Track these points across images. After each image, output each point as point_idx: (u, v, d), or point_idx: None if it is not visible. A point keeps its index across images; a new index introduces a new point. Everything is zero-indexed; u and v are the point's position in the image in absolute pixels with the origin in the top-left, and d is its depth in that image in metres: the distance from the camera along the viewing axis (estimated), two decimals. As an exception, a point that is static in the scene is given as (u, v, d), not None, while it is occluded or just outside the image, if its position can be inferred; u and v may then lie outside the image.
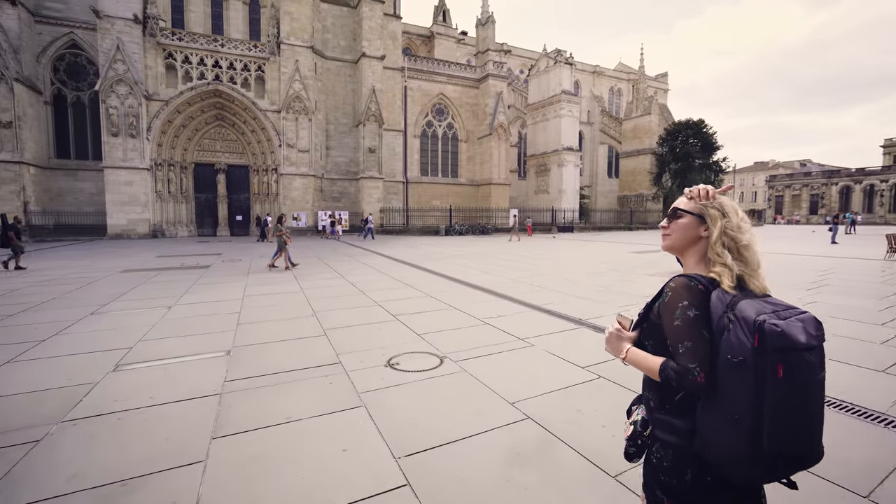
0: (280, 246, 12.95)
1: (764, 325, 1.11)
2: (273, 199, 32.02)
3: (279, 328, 6.31)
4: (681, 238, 1.42)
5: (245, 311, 7.37)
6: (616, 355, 1.45)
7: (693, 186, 1.44)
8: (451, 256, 16.76)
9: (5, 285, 10.17)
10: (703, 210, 1.38)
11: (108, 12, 26.59)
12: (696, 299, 1.27)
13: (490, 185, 39.78)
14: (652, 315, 1.41)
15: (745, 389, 1.13)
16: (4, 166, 25.09)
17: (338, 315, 7.12)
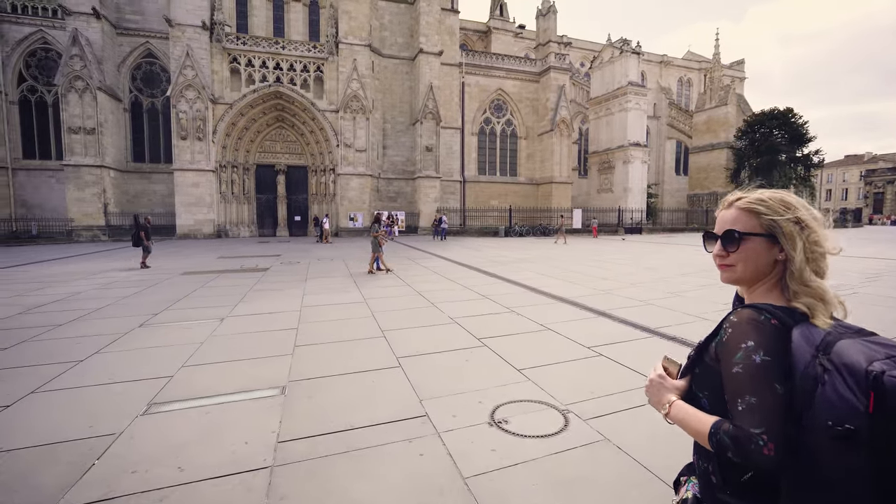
0: (374, 248, 12.11)
1: (883, 379, 0.81)
2: (330, 200, 31.95)
3: (342, 353, 5.20)
4: (752, 270, 1.08)
5: (303, 328, 6.37)
6: (657, 409, 1.14)
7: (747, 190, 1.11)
8: (519, 261, 15.29)
9: (70, 289, 9.95)
10: (774, 226, 1.04)
11: (178, 20, 27.48)
12: (767, 339, 0.96)
13: (551, 184, 37.73)
14: (707, 357, 1.09)
15: (857, 474, 0.82)
16: (88, 170, 26.54)
17: (410, 336, 5.93)
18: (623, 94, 41.57)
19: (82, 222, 26.46)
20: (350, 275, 11.87)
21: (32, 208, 28.64)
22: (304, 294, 9.03)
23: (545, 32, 41.25)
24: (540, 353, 5.16)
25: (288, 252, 19.13)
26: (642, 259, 15.74)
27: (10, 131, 28.42)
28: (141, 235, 13.64)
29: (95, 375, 4.48)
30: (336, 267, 13.61)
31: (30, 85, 29.18)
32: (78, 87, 26.25)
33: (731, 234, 1.08)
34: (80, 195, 26.40)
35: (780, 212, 1.03)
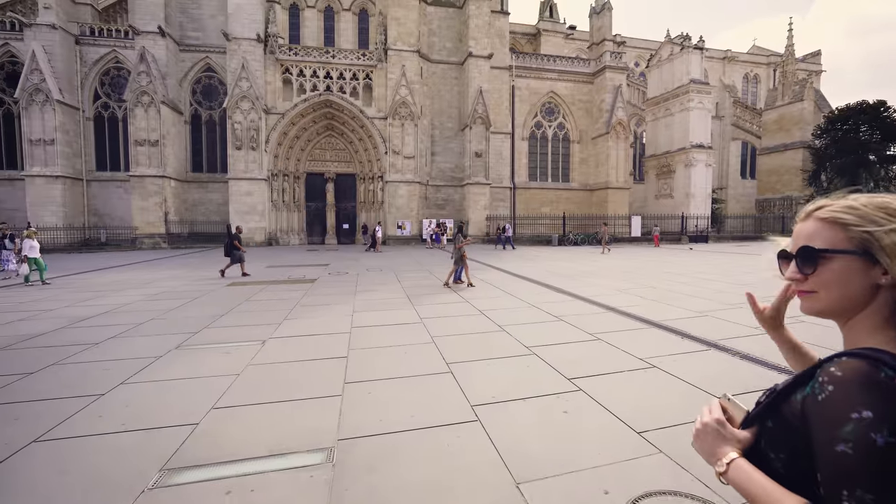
0: (458, 259, 11.26)
1: None
2: (378, 207, 31.62)
3: (403, 396, 4.19)
4: (840, 298, 0.82)
5: (353, 357, 5.44)
6: (709, 461, 0.89)
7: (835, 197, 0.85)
8: (585, 274, 13.86)
9: (118, 299, 9.67)
10: (869, 240, 0.78)
11: (235, 34, 28.23)
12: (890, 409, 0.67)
13: (606, 190, 35.62)
14: (787, 410, 0.82)
15: None
16: (151, 180, 27.62)
17: (482, 373, 4.84)
18: (684, 92, 38.88)
19: (145, 230, 27.51)
20: (402, 289, 10.97)
21: (103, 217, 30.19)
22: (353, 311, 8.17)
23: (599, 31, 39.39)
24: (658, 404, 3.91)
25: (336, 261, 18.64)
26: (728, 272, 13.83)
27: (86, 145, 30.20)
28: (235, 244, 13.63)
29: (111, 418, 3.71)
30: (387, 279, 12.79)
31: (103, 102, 30.93)
32: (144, 101, 27.44)
33: (808, 252, 0.83)
34: (143, 204, 27.48)
35: (878, 221, 0.77)
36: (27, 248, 12.15)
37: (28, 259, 12.15)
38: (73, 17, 30.37)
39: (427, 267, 16.07)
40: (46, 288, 11.64)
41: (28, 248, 12.15)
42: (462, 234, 11.76)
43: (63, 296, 10.27)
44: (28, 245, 12.18)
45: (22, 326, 7.20)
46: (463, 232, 11.92)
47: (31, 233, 12.53)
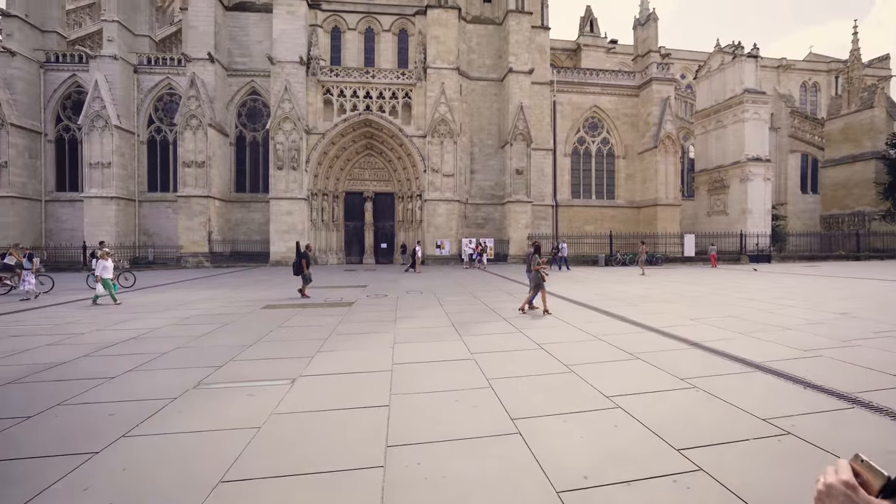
0: (537, 283, 9.94)
1: None
2: (416, 227, 31.10)
3: (462, 471, 3.19)
4: None
5: (396, 404, 4.51)
6: None
7: None
8: (645, 299, 12.48)
9: (149, 323, 9.24)
10: None
11: (279, 58, 28.92)
12: None
13: (655, 207, 33.70)
14: None
15: None
16: (196, 200, 28.33)
17: (562, 437, 3.77)
18: (738, 103, 36.67)
19: (189, 249, 28.08)
20: (446, 315, 10.03)
21: (152, 236, 31.23)
22: (394, 342, 7.29)
23: (644, 42, 37.99)
24: None
25: (375, 282, 17.99)
26: (811, 297, 12.05)
27: (139, 168, 31.56)
28: (302, 264, 13.20)
29: (98, 492, 2.93)
30: (428, 303, 11.90)
31: (156, 126, 32.38)
32: (192, 124, 28.37)
33: None
34: (188, 224, 28.14)
35: None
36: (100, 269, 12.02)
37: (102, 280, 12.01)
38: (133, 48, 32.15)
39: (470, 290, 15.09)
40: (109, 308, 11.48)
41: (101, 269, 12.02)
42: (539, 253, 10.44)
43: (100, 317, 9.99)
44: (101, 266, 12.05)
45: (44, 353, 6.75)
46: (540, 252, 10.58)
47: (105, 253, 12.42)
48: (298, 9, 29.62)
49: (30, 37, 31.31)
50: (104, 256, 12.30)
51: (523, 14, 31.43)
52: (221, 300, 12.70)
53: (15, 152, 29.67)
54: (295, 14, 29.56)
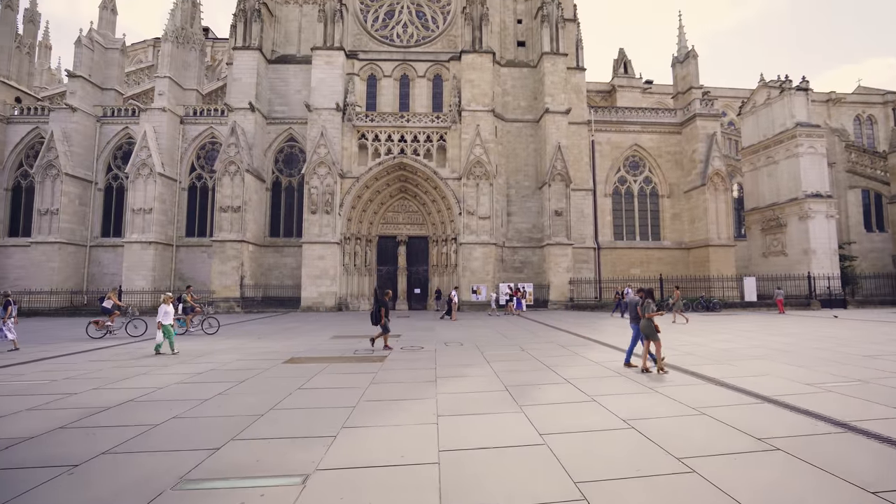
0: (649, 335, 8.33)
1: None
2: (451, 271, 29.82)
3: None
4: None
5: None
6: None
7: None
8: (730, 354, 10.48)
9: (156, 380, 8.09)
10: None
11: (316, 105, 29.45)
12: None
13: (707, 248, 31.27)
14: None
15: None
16: (231, 245, 28.24)
17: None
18: (790, 137, 34.66)
19: (221, 294, 27.69)
20: (494, 374, 8.44)
21: (187, 280, 31.20)
22: (437, 414, 5.76)
23: (684, 80, 36.94)
24: None
25: (409, 331, 16.59)
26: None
27: (178, 213, 32.22)
28: (381, 313, 11.97)
29: None
30: (471, 358, 10.35)
31: (198, 173, 33.31)
32: (231, 170, 28.81)
33: None
34: (222, 268, 27.92)
35: None
36: (161, 315, 11.20)
37: (162, 327, 11.16)
38: (181, 101, 33.77)
39: (515, 341, 13.42)
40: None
41: (162, 315, 11.19)
42: (651, 298, 8.65)
43: (105, 371, 8.95)
44: (162, 311, 11.23)
45: (13, 423, 5.60)
46: (653, 297, 8.77)
47: (168, 298, 11.61)
48: (336, 59, 30.41)
49: (90, 94, 33.43)
50: (166, 301, 11.47)
51: (558, 55, 31.16)
52: (243, 351, 11.58)
53: (67, 200, 30.86)
54: (333, 64, 30.34)
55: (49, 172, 30.60)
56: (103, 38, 35.30)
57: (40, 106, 34.29)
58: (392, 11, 33.93)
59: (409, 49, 32.92)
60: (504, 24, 34.28)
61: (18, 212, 33.20)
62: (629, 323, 9.15)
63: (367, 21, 33.50)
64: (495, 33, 32.77)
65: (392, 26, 33.63)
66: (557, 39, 31.43)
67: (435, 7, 33.92)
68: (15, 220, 33.19)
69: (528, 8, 34.32)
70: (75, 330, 17.24)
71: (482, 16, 31.02)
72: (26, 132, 33.55)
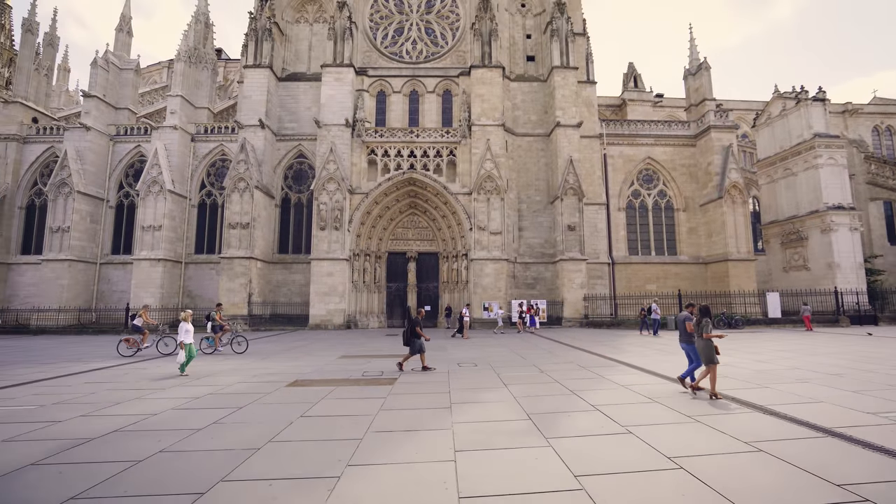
0: (709, 357, 7.41)
1: None
2: (462, 288, 29.16)
3: None
4: None
5: None
6: None
7: None
8: (767, 376, 9.62)
9: (149, 406, 7.51)
10: None
11: (325, 121, 29.40)
12: None
13: (726, 262, 30.27)
14: None
15: None
16: (239, 262, 27.94)
17: None
18: (808, 148, 33.89)
19: (228, 311, 27.14)
20: (514, 399, 7.74)
21: (195, 298, 30.97)
22: (454, 449, 5.09)
23: (697, 92, 36.46)
24: None
25: (418, 349, 15.89)
26: None
27: (188, 230, 32.13)
28: (417, 331, 11.17)
29: None
30: (487, 381, 9.65)
31: (207, 190, 33.33)
32: (240, 187, 28.71)
33: None
34: (229, 285, 27.58)
35: None
36: (182, 333, 10.54)
37: (185, 346, 10.49)
38: (193, 119, 34.00)
39: (532, 361, 12.68)
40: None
41: (184, 333, 10.54)
42: (710, 316, 7.74)
43: (99, 394, 8.41)
44: (183, 329, 10.58)
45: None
46: (711, 316, 7.85)
47: (187, 315, 11.00)
48: (346, 76, 30.46)
49: (104, 113, 33.85)
50: (186, 319, 10.85)
51: (568, 69, 30.92)
52: (245, 372, 10.99)
53: (78, 217, 30.95)
54: (342, 80, 30.39)
55: (62, 190, 30.79)
56: (118, 59, 35.91)
57: (56, 126, 34.79)
58: (401, 29, 34.11)
59: (419, 65, 32.94)
60: (513, 40, 34.26)
61: (31, 230, 33.41)
62: (679, 343, 8.39)
63: (376, 38, 33.69)
64: (504, 48, 32.70)
65: (401, 43, 33.76)
66: (567, 53, 31.23)
67: (444, 24, 34.04)
68: (28, 238, 33.39)
69: (538, 23, 34.30)
70: (106, 348, 16.87)
71: (491, 31, 30.98)
72: (42, 151, 34.00)
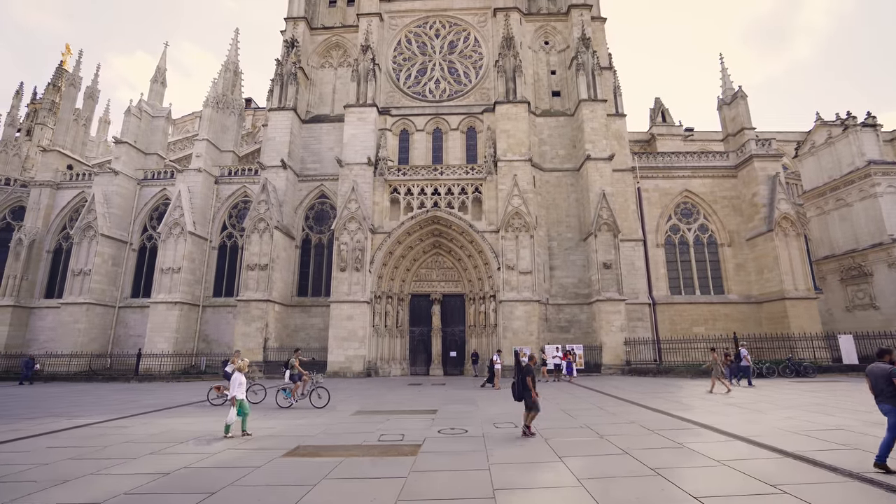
0: None
1: None
2: (491, 332, 27.05)
3: None
4: None
5: None
6: None
7: None
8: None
9: (109, 484, 5.82)
10: None
11: (347, 160, 28.92)
12: None
13: (783, 302, 27.32)
14: None
15: None
16: (256, 304, 26.75)
17: None
18: (863, 176, 31.51)
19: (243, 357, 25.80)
20: (578, 481, 5.70)
21: (210, 343, 29.77)
22: None
23: (734, 121, 34.81)
24: None
25: (447, 404, 13.84)
26: None
27: (207, 272, 31.46)
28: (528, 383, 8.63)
29: None
30: (535, 450, 7.62)
31: (228, 232, 32.91)
32: (260, 227, 28.03)
33: None
34: (245, 329, 26.27)
35: None
36: (235, 386, 8.82)
37: (237, 402, 8.78)
38: (218, 162, 34.24)
39: (583, 420, 10.50)
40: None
41: (236, 386, 8.82)
42: None
43: (85, 457, 6.76)
44: (237, 381, 8.86)
45: None
46: None
47: (244, 364, 9.25)
48: (369, 115, 30.26)
49: (134, 158, 34.47)
50: (242, 369, 8.98)
51: (597, 101, 29.93)
52: (239, 435, 9.24)
53: (100, 260, 30.73)
54: (365, 120, 30.16)
55: (87, 234, 30.82)
56: (151, 107, 37.05)
57: (87, 171, 35.53)
58: (424, 69, 34.17)
59: (442, 103, 32.61)
60: (537, 76, 33.79)
61: (56, 274, 33.39)
62: (876, 402, 6.24)
63: (399, 79, 33.76)
64: (529, 84, 32.14)
65: (424, 83, 33.69)
66: (595, 86, 30.38)
67: (467, 63, 33.96)
68: (52, 281, 33.34)
69: (562, 59, 33.84)
70: (193, 393, 15.48)
71: (515, 67, 30.54)
72: (72, 196, 34.59)
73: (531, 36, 34.42)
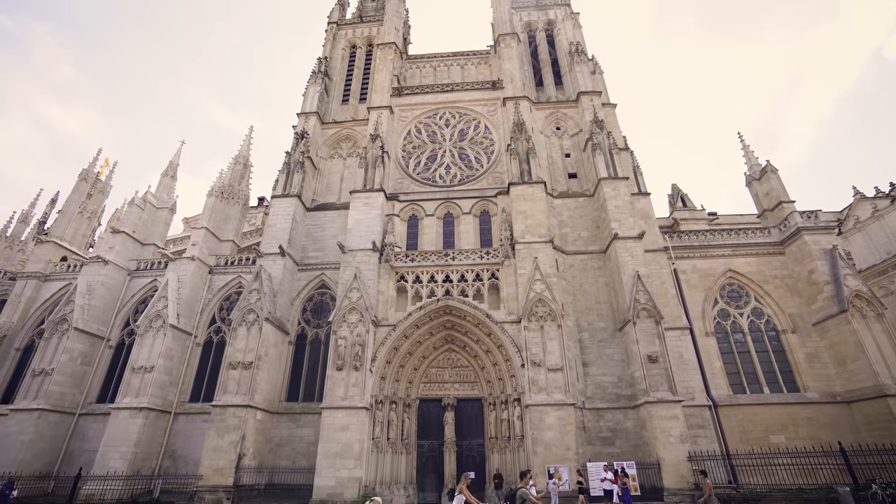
0: None
1: None
2: (517, 446, 21.88)
3: None
4: None
5: None
6: None
7: None
8: None
9: None
10: None
11: (350, 246, 26.58)
12: None
13: (885, 400, 21.84)
14: None
15: None
16: (233, 411, 22.30)
17: None
18: (937, 251, 27.66)
19: (210, 481, 20.70)
20: None
21: (177, 460, 24.75)
22: None
23: (768, 196, 32.35)
24: None
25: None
26: None
27: (187, 372, 27.46)
28: None
29: None
30: None
31: (217, 326, 29.52)
32: (249, 319, 24.73)
33: None
34: (217, 443, 21.54)
35: None
36: None
37: None
38: (215, 251, 32.14)
39: None
40: None
41: None
42: None
43: None
44: None
45: None
46: None
47: None
48: (375, 200, 28.59)
49: (130, 248, 32.65)
50: None
51: (618, 179, 27.98)
52: None
53: (67, 358, 27.13)
54: (371, 205, 28.41)
55: (59, 328, 27.71)
56: (157, 199, 36.31)
57: (79, 262, 33.56)
58: (434, 156, 33.31)
59: (453, 188, 31.05)
60: (552, 159, 32.57)
61: (20, 374, 29.59)
62: None
63: (408, 166, 32.75)
64: (543, 167, 30.71)
65: (434, 169, 32.56)
66: (614, 164, 28.75)
67: (478, 149, 33.09)
68: (14, 383, 29.35)
69: (576, 142, 32.85)
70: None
71: (528, 150, 29.36)
72: (58, 288, 32.21)
73: (542, 122, 33.96)
